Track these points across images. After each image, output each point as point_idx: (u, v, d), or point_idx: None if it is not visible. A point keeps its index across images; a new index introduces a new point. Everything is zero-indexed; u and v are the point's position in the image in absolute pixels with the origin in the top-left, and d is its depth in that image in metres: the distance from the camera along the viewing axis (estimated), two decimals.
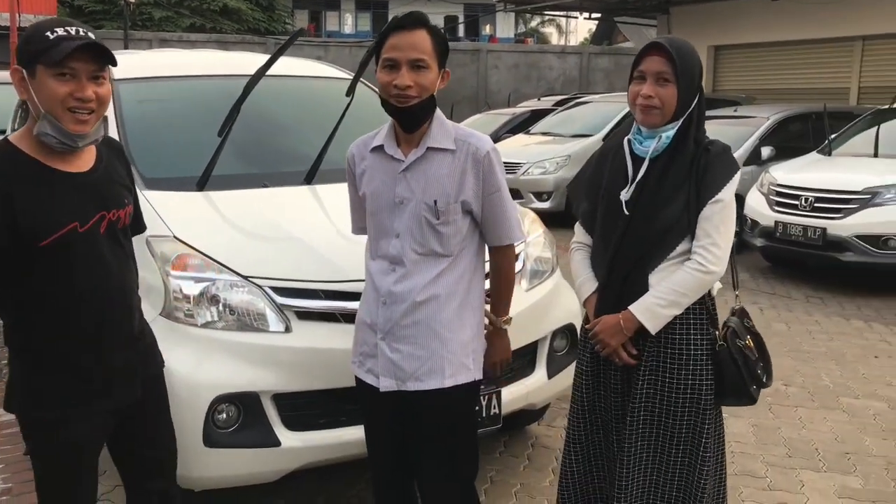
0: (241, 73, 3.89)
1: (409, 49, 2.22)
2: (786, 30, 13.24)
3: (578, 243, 2.64)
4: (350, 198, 2.57)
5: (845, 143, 8.39)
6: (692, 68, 2.34)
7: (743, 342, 2.47)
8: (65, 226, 1.97)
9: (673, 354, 2.41)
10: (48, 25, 1.93)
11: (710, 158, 2.35)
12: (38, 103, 1.93)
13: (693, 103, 2.37)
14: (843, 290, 7.39)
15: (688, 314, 2.40)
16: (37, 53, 1.90)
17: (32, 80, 1.92)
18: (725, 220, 2.36)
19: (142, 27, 25.28)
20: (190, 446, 2.76)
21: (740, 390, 2.45)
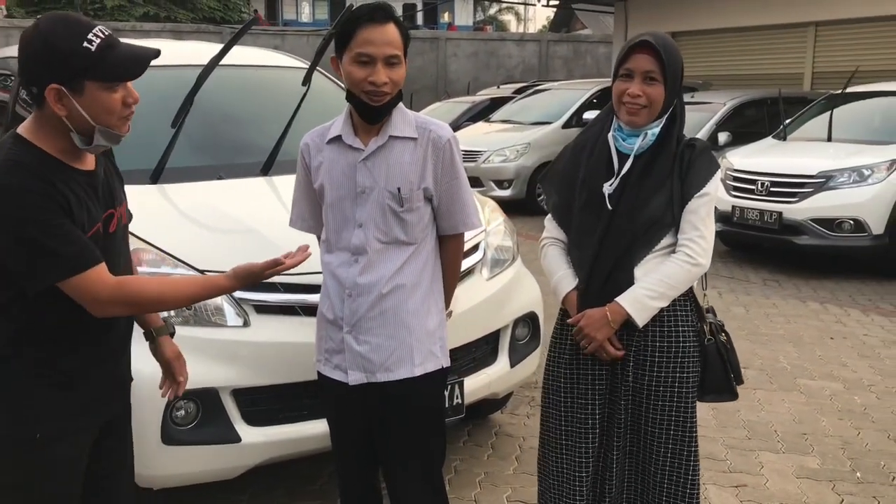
0: (194, 63, 3.82)
1: (384, 45, 2.18)
2: (741, 16, 13.39)
3: (551, 238, 2.55)
4: (296, 189, 2.52)
5: (800, 128, 8.53)
6: (678, 66, 2.31)
7: (723, 338, 2.48)
8: (94, 224, 1.88)
9: (661, 347, 2.38)
10: (78, 31, 1.77)
11: (695, 155, 2.34)
12: (87, 118, 1.80)
13: (675, 100, 2.36)
14: (800, 273, 7.52)
15: (675, 307, 2.39)
16: (83, 70, 1.75)
17: (78, 96, 1.77)
18: (710, 214, 2.36)
19: (93, 17, 24.73)
20: (148, 444, 2.71)
21: (723, 385, 2.47)
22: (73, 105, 1.78)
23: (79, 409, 1.94)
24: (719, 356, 2.44)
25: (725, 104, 9.77)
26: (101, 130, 1.83)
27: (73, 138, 1.82)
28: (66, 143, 1.84)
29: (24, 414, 1.88)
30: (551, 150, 10.68)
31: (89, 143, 1.84)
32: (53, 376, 1.89)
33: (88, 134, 1.83)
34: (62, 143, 1.84)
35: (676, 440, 2.40)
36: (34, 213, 1.74)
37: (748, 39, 13.71)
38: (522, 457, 3.78)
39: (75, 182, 1.85)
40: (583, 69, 23.91)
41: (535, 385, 4.58)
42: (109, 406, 2.04)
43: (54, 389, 1.90)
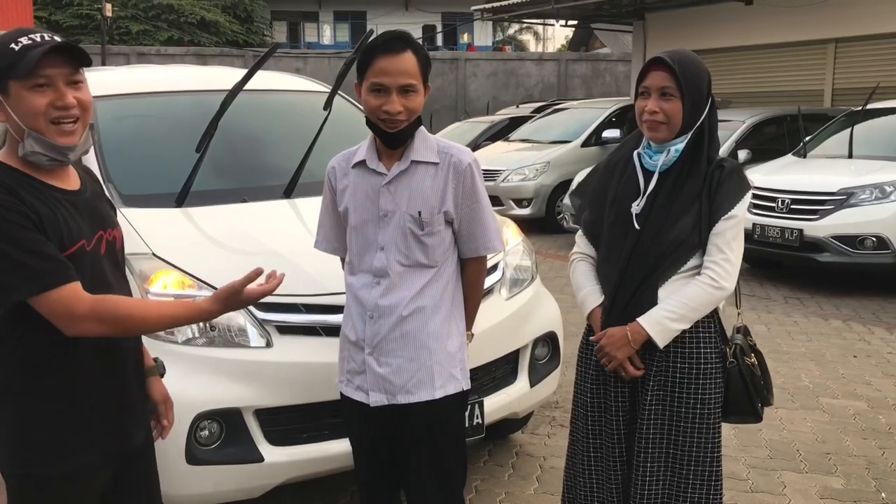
0: (218, 89, 3.89)
1: (399, 75, 2.23)
2: (760, 34, 13.38)
3: (581, 253, 2.59)
4: (321, 212, 2.57)
5: (820, 145, 8.49)
6: (697, 81, 2.32)
7: (749, 360, 2.46)
8: (76, 243, 1.82)
9: (682, 369, 2.38)
10: (10, 37, 1.77)
11: (724, 175, 2.34)
12: (18, 122, 1.77)
13: (702, 116, 2.34)
14: (821, 290, 7.47)
15: (698, 329, 2.38)
16: (5, 69, 1.74)
17: (7, 98, 1.76)
18: (737, 237, 2.35)
19: (119, 41, 25.17)
20: (172, 464, 2.75)
21: (746, 408, 2.45)
22: (7, 109, 1.77)
23: (95, 443, 1.92)
24: (741, 379, 2.42)
25: (745, 122, 9.75)
26: (33, 136, 1.77)
27: (18, 148, 1.80)
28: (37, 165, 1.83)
29: (42, 451, 1.85)
30: (570, 168, 10.72)
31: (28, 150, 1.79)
32: (68, 412, 1.87)
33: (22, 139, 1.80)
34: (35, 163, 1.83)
35: (698, 461, 2.40)
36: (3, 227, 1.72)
37: (767, 57, 13.69)
38: (543, 477, 3.78)
39: (51, 198, 1.81)
40: (602, 88, 23.95)
41: (556, 405, 4.58)
42: (128, 439, 2.01)
43: (70, 425, 1.87)
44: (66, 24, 25.87)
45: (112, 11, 23.55)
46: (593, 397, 2.52)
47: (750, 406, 2.45)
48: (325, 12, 36.63)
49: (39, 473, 1.86)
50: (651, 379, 2.40)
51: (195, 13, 26.91)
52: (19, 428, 1.85)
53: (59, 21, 25.87)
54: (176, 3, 26.79)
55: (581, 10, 16.35)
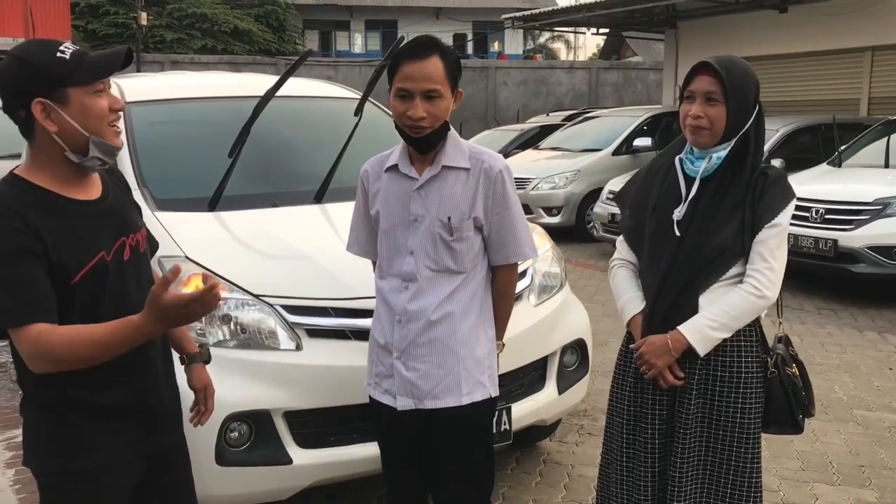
0: (250, 95, 3.94)
1: (422, 80, 2.23)
2: (795, 42, 13.25)
3: (621, 259, 2.57)
4: (354, 215, 2.59)
5: (855, 155, 8.38)
6: (744, 87, 2.29)
7: (791, 370, 2.43)
8: (94, 256, 1.83)
9: (723, 378, 2.35)
10: (50, 47, 1.79)
11: (768, 183, 2.31)
12: (79, 128, 1.78)
13: (748, 123, 2.32)
14: (856, 301, 7.36)
15: (739, 338, 2.35)
16: (63, 77, 1.76)
17: (65, 106, 1.77)
18: (781, 246, 2.32)
19: (154, 49, 25.55)
20: (203, 465, 2.78)
21: (787, 419, 2.41)
22: (62, 117, 1.77)
23: (124, 441, 1.93)
24: (783, 389, 2.39)
25: (779, 130, 9.65)
26: (96, 141, 1.81)
27: (69, 157, 1.80)
28: (63, 171, 1.83)
29: (72, 449, 1.87)
30: (601, 177, 10.67)
31: (86, 156, 1.82)
32: (96, 411, 1.88)
33: (83, 149, 1.81)
34: (59, 171, 1.82)
35: (738, 471, 2.36)
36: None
37: (802, 65, 13.55)
38: (571, 485, 3.76)
39: (70, 213, 1.81)
40: (633, 96, 23.85)
41: (584, 413, 4.56)
42: (157, 437, 2.02)
43: (100, 423, 1.89)
44: (103, 33, 26.33)
45: (147, 20, 23.95)
46: (630, 405, 2.49)
47: (790, 417, 2.41)
48: (356, 21, 36.91)
49: (70, 471, 1.88)
50: (693, 388, 2.36)
51: (229, 22, 27.25)
52: (48, 428, 1.88)
53: (96, 29, 26.34)
54: (210, 12, 27.15)
55: (613, 19, 16.32)
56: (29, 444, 1.91)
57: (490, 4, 34.91)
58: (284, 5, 29.92)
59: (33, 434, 1.90)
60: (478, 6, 35.34)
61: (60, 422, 1.86)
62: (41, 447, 1.89)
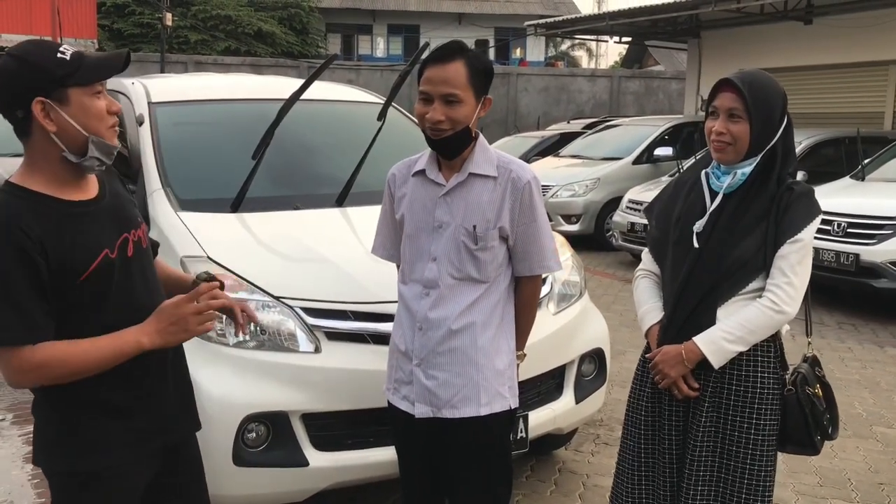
0: (274, 98, 3.97)
1: (442, 84, 2.24)
2: (819, 54, 13.16)
3: (645, 270, 2.58)
4: (380, 218, 2.59)
5: (879, 168, 8.30)
6: (768, 103, 2.28)
7: (812, 390, 2.39)
8: (98, 255, 1.83)
9: (738, 392, 2.33)
10: (50, 47, 1.80)
11: (793, 198, 2.29)
12: (78, 128, 1.79)
13: (775, 138, 2.31)
14: (877, 317, 7.28)
15: (756, 353, 2.34)
16: (65, 77, 1.77)
17: (64, 106, 1.78)
18: (803, 261, 2.29)
19: (178, 50, 25.77)
20: (220, 465, 2.79)
21: (804, 439, 2.38)
22: (62, 117, 1.77)
23: (135, 439, 1.94)
24: (800, 408, 2.35)
25: (801, 143, 9.58)
26: (95, 141, 1.81)
27: (68, 157, 1.80)
28: (60, 172, 1.82)
29: (84, 448, 1.88)
30: (621, 185, 10.64)
31: (84, 156, 1.81)
32: (108, 410, 1.89)
33: (81, 149, 1.81)
34: (56, 172, 1.82)
35: (749, 489, 2.33)
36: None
37: (826, 77, 13.46)
38: (586, 494, 3.75)
39: (68, 216, 1.81)
40: (654, 105, 23.76)
41: (601, 422, 4.54)
42: (167, 435, 2.02)
43: (111, 422, 1.90)
44: (128, 32, 26.61)
45: (172, 21, 24.15)
46: (647, 416, 2.49)
47: (808, 437, 2.37)
48: (379, 25, 37.04)
49: (82, 471, 1.89)
50: (706, 401, 2.35)
51: (252, 24, 27.44)
52: (60, 428, 1.89)
53: (122, 29, 26.62)
54: (234, 14, 27.36)
55: (635, 28, 16.28)
56: (40, 444, 1.92)
57: (512, 11, 34.95)
58: (308, 8, 30.10)
59: (45, 434, 1.91)
60: (500, 13, 35.39)
61: (72, 422, 1.87)
62: (53, 447, 1.89)
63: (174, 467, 2.07)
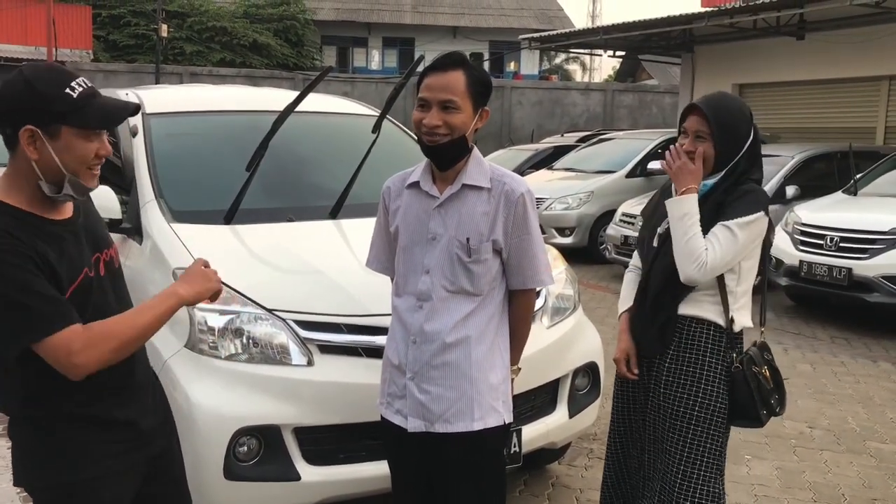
0: (269, 109, 3.97)
1: (440, 90, 2.26)
2: (811, 69, 13.23)
3: (633, 266, 2.90)
4: (375, 231, 2.59)
5: (871, 183, 8.33)
6: (732, 124, 2.56)
7: (758, 369, 2.63)
8: (80, 273, 1.86)
9: (687, 372, 2.61)
10: (61, 79, 1.80)
11: (738, 195, 2.55)
12: (59, 165, 1.80)
13: (739, 154, 2.57)
14: (870, 331, 7.29)
15: (702, 335, 2.61)
16: (63, 114, 1.77)
17: (53, 140, 1.78)
18: (727, 243, 2.49)
19: (173, 61, 25.78)
20: (211, 479, 2.78)
21: (749, 412, 2.63)
22: (47, 149, 1.78)
23: (121, 450, 1.96)
24: (745, 383, 2.59)
25: (794, 157, 9.62)
26: (71, 180, 1.82)
27: (42, 186, 1.81)
28: (39, 193, 1.83)
29: (72, 460, 1.89)
30: (614, 198, 10.65)
31: (58, 191, 1.83)
32: (91, 422, 1.91)
33: (58, 182, 1.82)
34: (35, 193, 1.83)
35: (691, 462, 2.59)
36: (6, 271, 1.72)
37: (818, 92, 13.53)
38: None
39: (52, 234, 1.83)
40: (648, 119, 23.86)
41: (594, 437, 4.53)
42: (149, 446, 2.05)
43: (95, 434, 1.92)
44: (124, 44, 26.60)
45: (167, 32, 24.18)
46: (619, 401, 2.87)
47: (754, 411, 2.61)
48: (374, 38, 37.12)
49: (71, 481, 1.89)
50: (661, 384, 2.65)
51: (248, 36, 27.47)
52: (45, 443, 1.89)
53: (117, 40, 26.61)
54: (229, 25, 27.39)
55: (629, 42, 16.36)
56: (24, 462, 1.92)
57: (507, 25, 35.08)
58: (303, 21, 30.14)
59: (29, 452, 1.91)
60: (494, 26, 35.50)
61: (58, 436, 1.87)
62: (40, 462, 1.89)
63: (156, 478, 2.09)
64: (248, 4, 29.58)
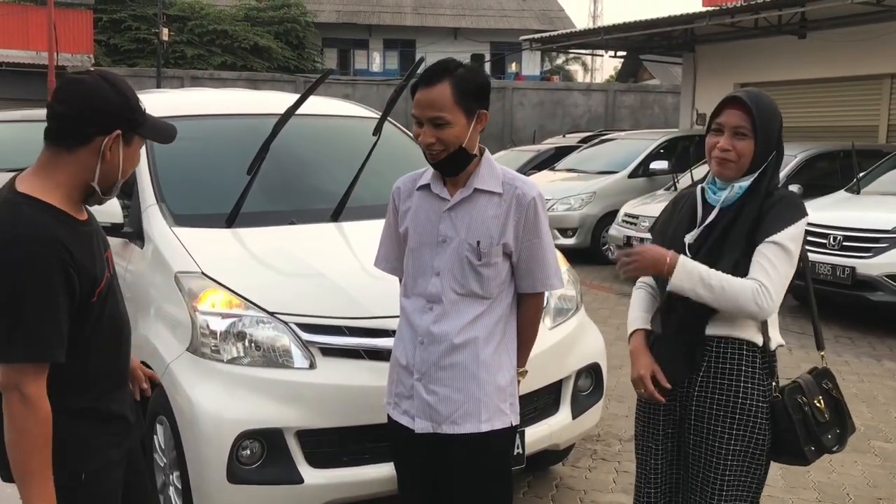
0: (270, 113, 3.96)
1: (428, 107, 2.24)
2: (813, 68, 13.21)
3: (643, 283, 2.60)
4: (384, 231, 2.58)
5: (874, 182, 8.32)
6: (771, 123, 2.32)
7: (807, 399, 2.35)
8: (103, 272, 1.95)
9: (720, 402, 2.32)
10: (134, 96, 1.93)
11: (773, 201, 2.31)
12: (120, 170, 1.92)
13: (771, 156, 2.33)
14: (874, 330, 7.28)
15: (742, 362, 2.32)
16: (140, 125, 1.92)
17: (127, 147, 1.91)
18: (782, 263, 2.26)
19: (174, 65, 25.80)
20: (214, 482, 2.78)
21: (792, 448, 2.34)
22: (118, 154, 1.89)
23: (118, 441, 2.05)
24: (787, 416, 2.31)
25: (796, 156, 9.60)
26: (118, 185, 1.96)
27: (94, 186, 1.90)
28: (73, 194, 1.90)
29: (81, 452, 1.96)
30: (617, 199, 10.64)
31: (107, 193, 1.95)
32: (96, 416, 1.98)
33: (109, 186, 1.94)
34: (71, 193, 1.89)
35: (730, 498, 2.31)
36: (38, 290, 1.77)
37: (820, 91, 13.51)
38: None
39: (82, 235, 1.90)
40: (650, 119, 23.83)
41: (598, 438, 4.52)
42: (132, 435, 2.15)
43: (93, 426, 1.98)
44: (125, 48, 26.62)
45: (168, 36, 24.21)
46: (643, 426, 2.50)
47: (796, 446, 2.33)
48: (374, 40, 37.13)
49: (79, 471, 1.95)
50: (692, 413, 2.35)
51: (249, 39, 27.49)
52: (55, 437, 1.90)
53: (118, 44, 26.63)
54: (230, 28, 27.41)
55: (630, 42, 16.35)
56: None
57: (508, 26, 35.08)
58: (304, 23, 30.15)
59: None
60: (495, 27, 35.50)
61: (67, 429, 1.91)
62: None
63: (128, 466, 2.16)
64: (249, 7, 29.60)
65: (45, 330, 1.78)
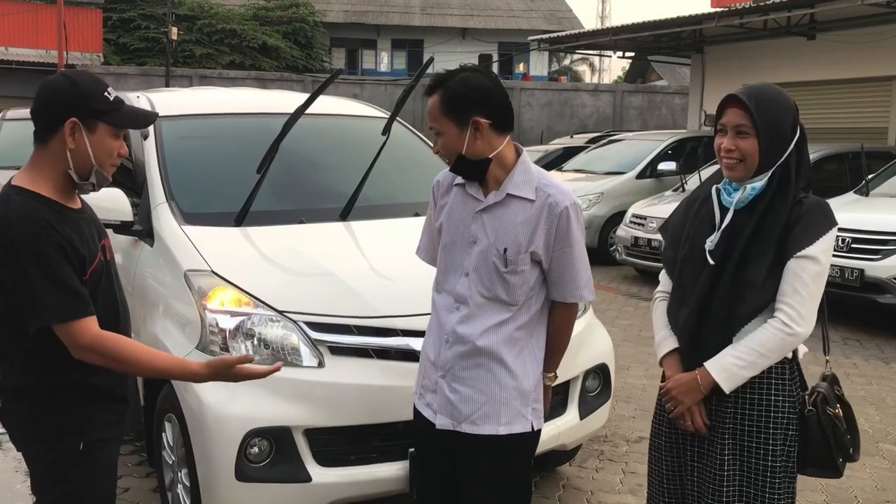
0: (279, 112, 3.97)
1: (429, 119, 2.34)
2: (822, 69, 13.17)
3: (662, 292, 2.49)
4: (426, 221, 2.61)
5: (883, 184, 8.29)
6: (776, 118, 2.21)
7: (833, 410, 2.30)
8: (95, 256, 2.10)
9: (753, 417, 2.24)
10: (101, 86, 2.09)
11: (802, 211, 2.21)
12: (91, 156, 2.06)
13: (785, 153, 2.23)
14: (882, 332, 7.25)
15: (772, 375, 2.25)
16: (101, 112, 2.06)
17: (90, 134, 2.05)
18: (814, 278, 2.19)
19: (183, 64, 25.88)
20: (222, 480, 2.79)
21: (826, 461, 2.29)
22: (83, 141, 2.05)
23: (115, 419, 2.20)
24: (821, 430, 2.26)
25: None
26: (97, 171, 2.09)
27: (71, 174, 2.06)
28: (62, 183, 2.08)
29: (82, 424, 2.11)
30: (624, 200, 10.63)
31: (84, 179, 2.09)
32: (94, 392, 2.13)
33: (86, 173, 2.09)
34: (58, 182, 2.07)
35: None
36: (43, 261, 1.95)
37: (830, 93, 13.46)
38: None
39: (73, 220, 2.07)
40: (658, 120, 23.80)
41: (605, 439, 4.52)
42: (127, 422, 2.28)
43: (93, 402, 2.14)
44: (134, 47, 26.73)
45: (177, 35, 24.27)
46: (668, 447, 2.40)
47: (830, 459, 2.28)
48: (383, 40, 37.17)
49: (81, 441, 2.10)
50: (725, 429, 2.26)
51: (257, 38, 27.55)
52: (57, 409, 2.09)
53: (127, 43, 26.74)
54: (239, 28, 27.48)
55: (639, 43, 16.32)
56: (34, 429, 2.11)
57: (516, 26, 35.08)
58: (312, 23, 30.21)
59: (40, 418, 2.10)
60: (504, 28, 35.50)
61: (68, 402, 2.09)
62: (52, 427, 2.10)
63: None
64: (258, 7, 29.66)
65: (59, 292, 1.96)
